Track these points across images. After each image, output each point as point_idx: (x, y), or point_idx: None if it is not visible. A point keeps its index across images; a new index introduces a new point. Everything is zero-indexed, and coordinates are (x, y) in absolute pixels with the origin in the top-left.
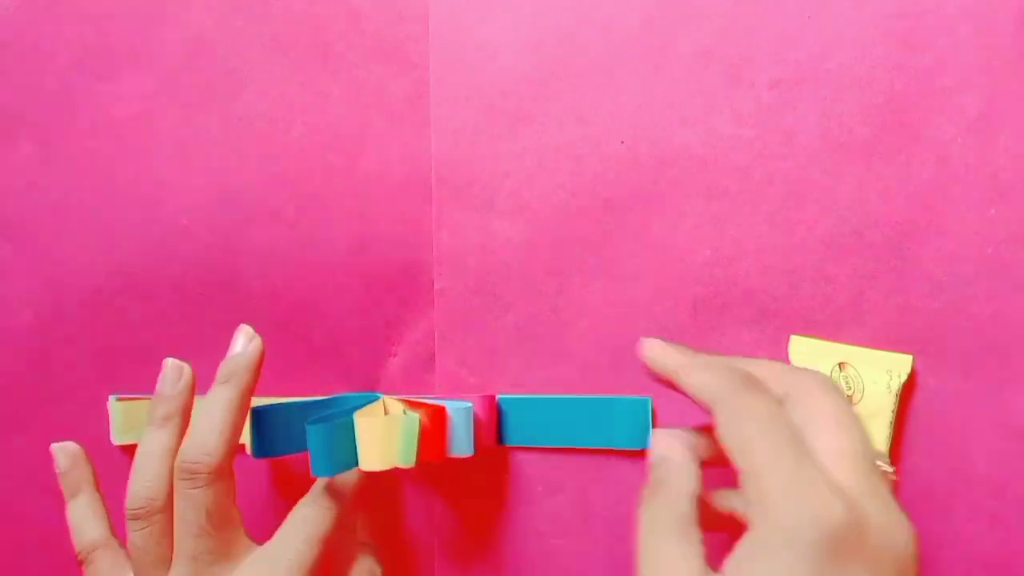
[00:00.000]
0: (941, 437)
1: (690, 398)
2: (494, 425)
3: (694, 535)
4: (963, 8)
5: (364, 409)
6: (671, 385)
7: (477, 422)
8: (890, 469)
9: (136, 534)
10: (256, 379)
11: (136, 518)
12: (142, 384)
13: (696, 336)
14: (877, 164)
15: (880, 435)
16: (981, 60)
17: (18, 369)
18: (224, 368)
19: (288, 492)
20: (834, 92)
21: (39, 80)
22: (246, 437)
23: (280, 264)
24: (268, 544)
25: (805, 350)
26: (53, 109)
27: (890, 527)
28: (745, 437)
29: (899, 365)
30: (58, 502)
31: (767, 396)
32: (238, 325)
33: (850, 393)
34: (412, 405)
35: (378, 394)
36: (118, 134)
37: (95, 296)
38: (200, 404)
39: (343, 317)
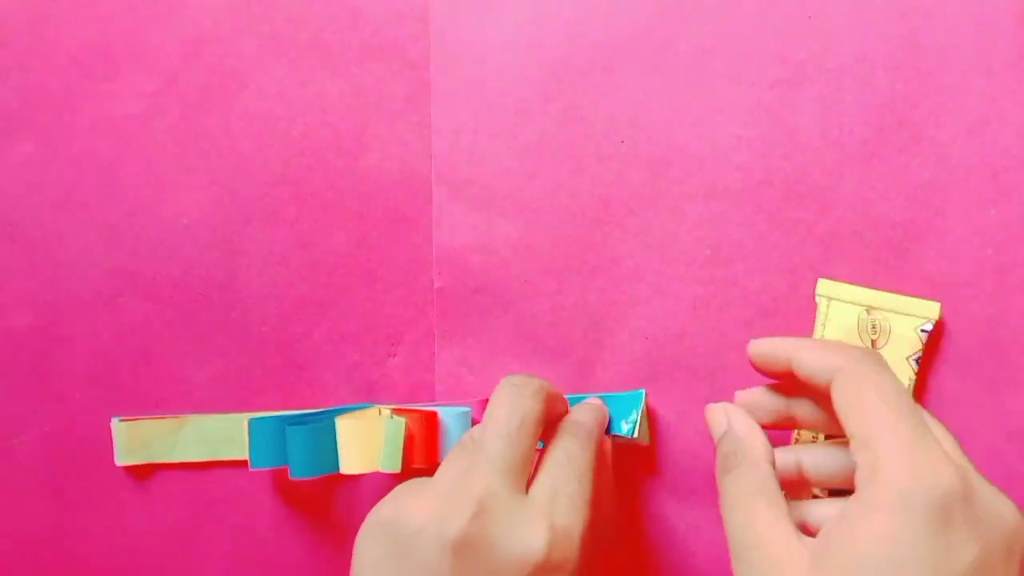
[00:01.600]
0: None
1: (804, 380)
2: None
3: (780, 498)
4: (963, 8)
5: (351, 413)
6: (781, 375)
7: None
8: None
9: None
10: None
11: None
12: (142, 385)
13: (696, 336)
14: (877, 164)
15: (904, 381)
16: (981, 60)
17: (18, 369)
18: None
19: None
20: (834, 92)
21: (39, 80)
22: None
23: (280, 264)
24: (540, 481)
25: (832, 292)
26: (53, 109)
27: (997, 502)
28: (866, 403)
29: (927, 311)
30: (58, 502)
31: (888, 369)
32: (237, 325)
33: (874, 338)
34: (405, 412)
35: (375, 404)
36: (118, 134)
37: (95, 296)
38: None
39: (343, 317)
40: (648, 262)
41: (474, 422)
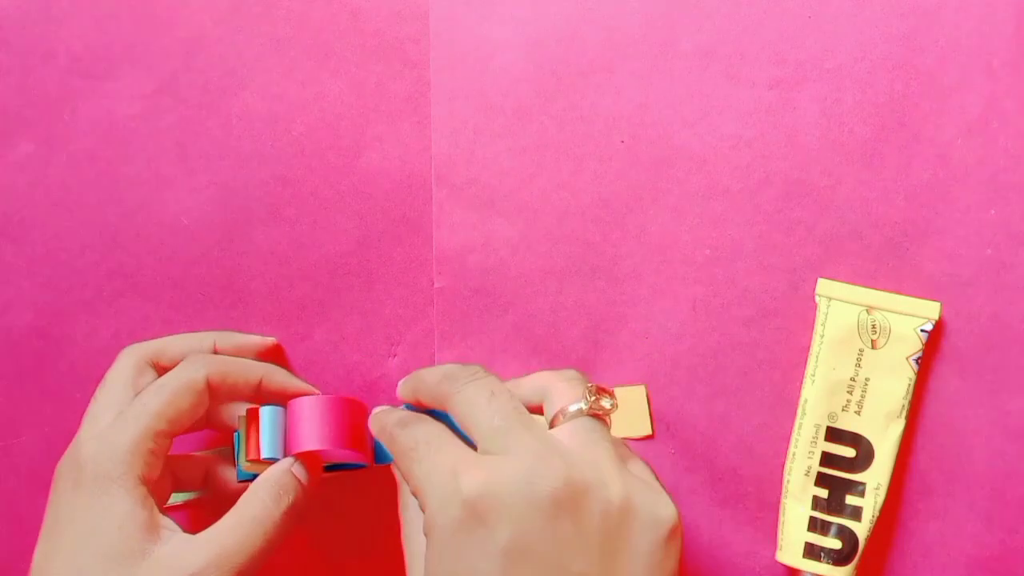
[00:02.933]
0: (940, 437)
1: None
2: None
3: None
4: (963, 8)
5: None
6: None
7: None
8: (607, 402)
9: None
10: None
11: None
12: None
13: (696, 336)
14: (877, 164)
15: (905, 380)
16: (981, 60)
17: (18, 369)
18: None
19: None
20: (834, 92)
21: (39, 80)
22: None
23: (280, 264)
24: None
25: (833, 292)
26: (53, 109)
27: (530, 476)
28: (403, 466)
29: (927, 311)
30: None
31: (417, 427)
32: (237, 325)
33: (875, 337)
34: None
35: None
36: (118, 134)
37: (95, 296)
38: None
39: (343, 317)
40: (648, 262)
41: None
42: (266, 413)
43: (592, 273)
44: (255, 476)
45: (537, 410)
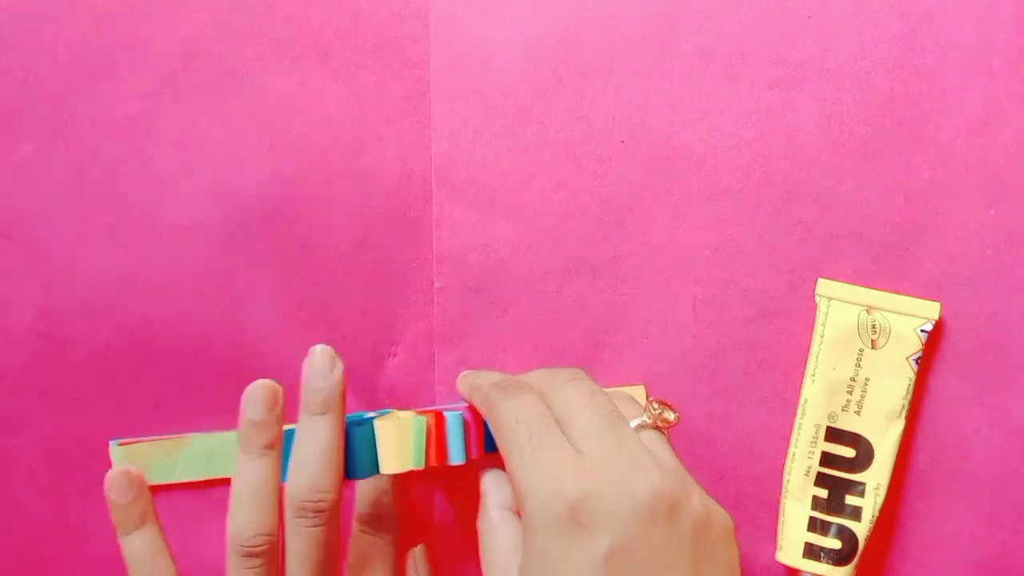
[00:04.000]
0: (940, 437)
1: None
2: (481, 433)
3: (511, 527)
4: (963, 8)
5: (383, 416)
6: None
7: (468, 429)
8: (671, 414)
9: (250, 571)
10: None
11: (252, 555)
12: (142, 385)
13: (696, 336)
14: (877, 164)
15: (905, 380)
16: (981, 60)
17: (18, 369)
18: (318, 396)
19: None
20: (834, 92)
21: (39, 80)
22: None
23: (280, 264)
24: None
25: (833, 292)
26: (53, 109)
27: (629, 484)
28: (500, 448)
29: (927, 311)
30: (58, 502)
31: (515, 400)
32: (237, 325)
33: (875, 337)
34: (424, 412)
35: (388, 409)
36: (118, 134)
37: (95, 296)
38: (300, 435)
39: (343, 317)
40: (648, 262)
41: (467, 425)
42: (454, 419)
43: (592, 273)
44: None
45: None
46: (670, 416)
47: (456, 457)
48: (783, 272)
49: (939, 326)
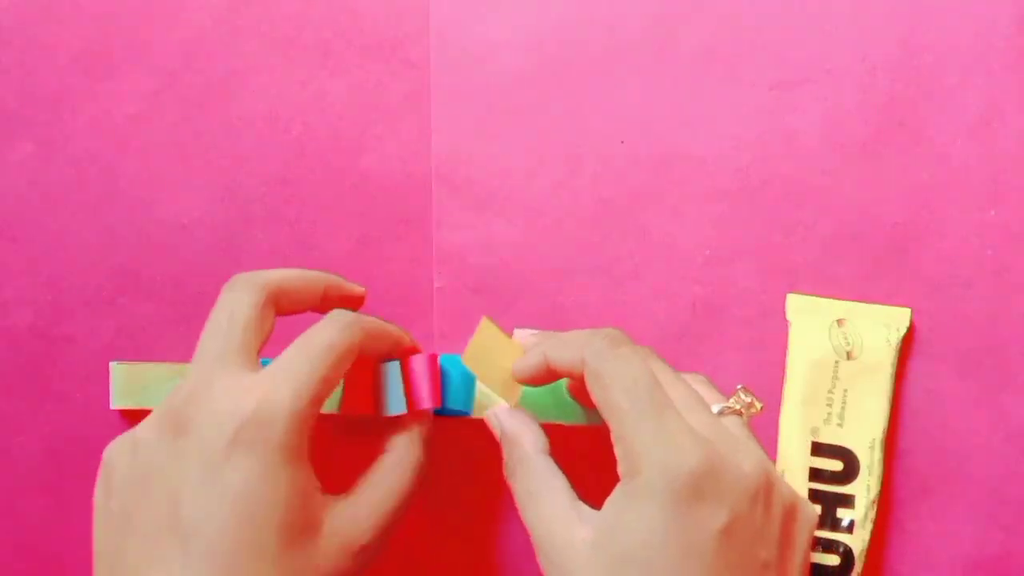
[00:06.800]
0: (940, 437)
1: (568, 375)
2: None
3: (558, 483)
4: (963, 8)
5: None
6: (544, 379)
7: (410, 379)
8: (758, 404)
9: None
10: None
11: None
12: None
13: (696, 336)
14: (877, 164)
15: (882, 390)
16: (981, 60)
17: (18, 369)
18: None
19: None
20: (834, 92)
21: (39, 80)
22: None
23: (280, 264)
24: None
25: (803, 307)
26: (53, 109)
27: (739, 462)
28: (611, 399)
29: (898, 319)
30: (58, 502)
31: (630, 354)
32: None
33: (849, 349)
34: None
35: None
36: (118, 134)
37: (95, 296)
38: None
39: None
40: (648, 262)
41: (411, 374)
42: (392, 369)
43: (592, 273)
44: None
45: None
46: (758, 405)
47: (394, 408)
48: (783, 272)
49: (939, 326)
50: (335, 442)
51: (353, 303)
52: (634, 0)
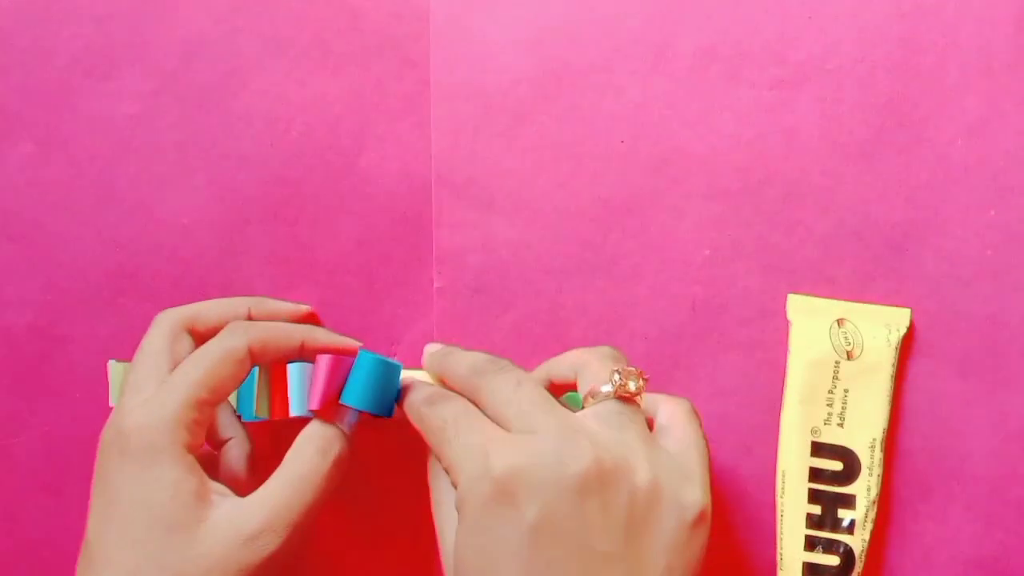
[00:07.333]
0: (939, 438)
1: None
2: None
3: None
4: (963, 8)
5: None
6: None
7: (314, 379)
8: (633, 383)
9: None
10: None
11: None
12: None
13: (696, 336)
14: (877, 164)
15: (882, 390)
16: (981, 60)
17: (18, 369)
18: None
19: None
20: (834, 92)
21: (39, 80)
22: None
23: (280, 264)
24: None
25: (803, 307)
26: (53, 109)
27: (560, 459)
28: (435, 447)
29: (898, 319)
30: (58, 502)
31: (444, 404)
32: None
33: (849, 349)
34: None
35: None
36: (118, 134)
37: (95, 296)
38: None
39: (343, 317)
40: (648, 262)
41: (315, 374)
42: (294, 370)
43: (592, 273)
44: (261, 419)
45: (573, 387)
46: (632, 386)
47: (296, 409)
48: (783, 272)
49: (939, 326)
50: None
51: (289, 319)
52: (634, 0)
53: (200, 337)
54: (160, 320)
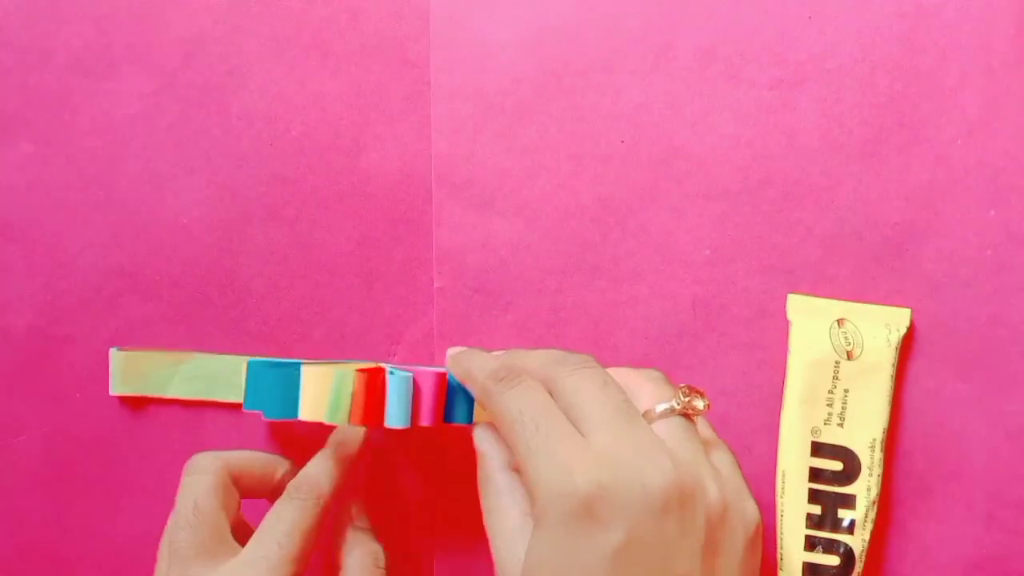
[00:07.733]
0: (939, 438)
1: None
2: (442, 399)
3: (515, 495)
4: (963, 8)
5: (313, 364)
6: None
7: (418, 394)
8: (700, 403)
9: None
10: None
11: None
12: None
13: (696, 336)
14: (877, 164)
15: (882, 390)
16: (981, 60)
17: (18, 369)
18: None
19: None
20: (834, 92)
21: (39, 80)
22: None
23: (280, 264)
24: (246, 546)
25: (803, 307)
26: (53, 109)
27: (641, 477)
28: (502, 430)
29: (898, 319)
30: (58, 502)
31: (520, 390)
32: (236, 325)
33: (849, 349)
34: (365, 369)
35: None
36: (118, 134)
37: (95, 296)
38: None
39: (343, 317)
40: (648, 262)
41: (417, 389)
42: (398, 380)
43: (592, 273)
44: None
45: None
46: (699, 404)
47: (394, 420)
48: (783, 272)
49: (939, 326)
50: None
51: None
52: (634, 0)
53: (243, 490)
54: (205, 467)
